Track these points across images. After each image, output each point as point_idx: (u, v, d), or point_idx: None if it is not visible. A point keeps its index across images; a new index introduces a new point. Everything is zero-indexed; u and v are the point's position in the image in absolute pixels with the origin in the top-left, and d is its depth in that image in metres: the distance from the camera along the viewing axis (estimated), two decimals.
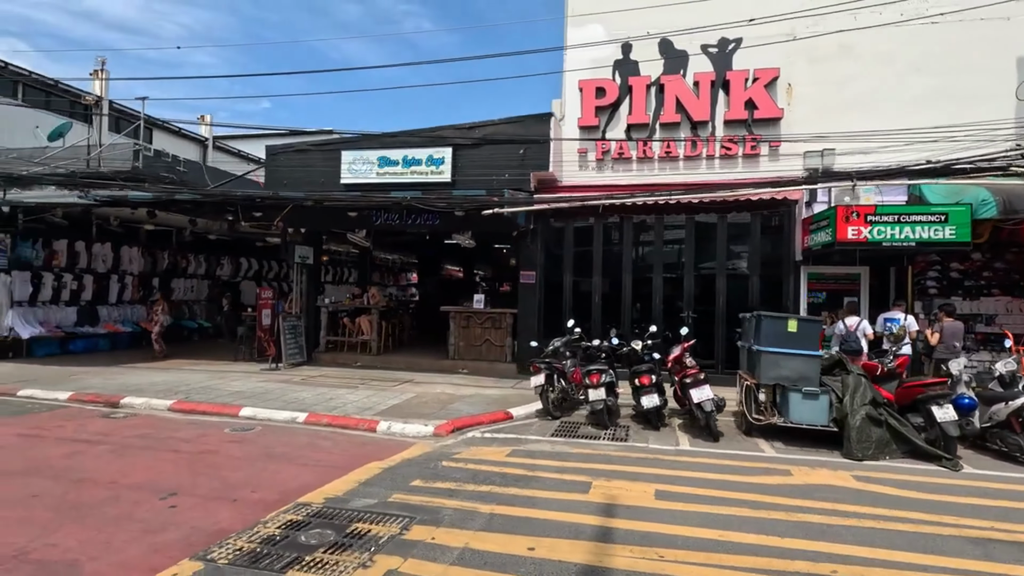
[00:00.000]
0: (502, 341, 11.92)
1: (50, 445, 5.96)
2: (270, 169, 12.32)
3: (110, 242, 14.68)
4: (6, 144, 17.31)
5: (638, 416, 7.87)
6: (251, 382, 9.89)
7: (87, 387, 9.02)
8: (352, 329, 13.11)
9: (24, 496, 4.42)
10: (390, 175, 11.38)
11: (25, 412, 7.57)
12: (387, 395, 8.97)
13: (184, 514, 4.11)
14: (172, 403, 8.07)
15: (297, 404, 8.12)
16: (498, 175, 10.97)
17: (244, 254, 19.52)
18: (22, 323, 12.51)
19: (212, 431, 6.76)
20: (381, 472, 5.22)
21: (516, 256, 12.12)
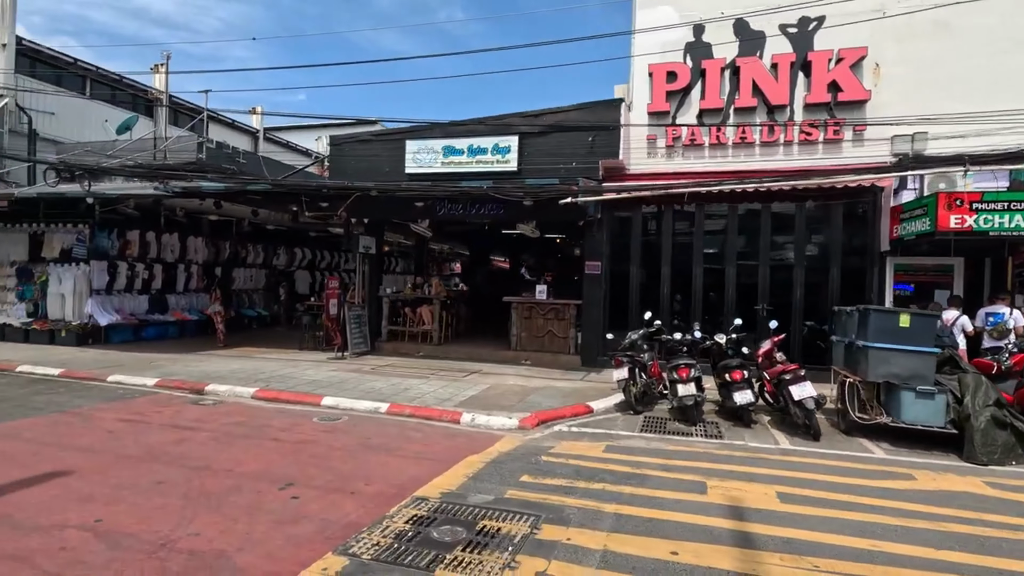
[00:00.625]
0: (565, 333, 11.77)
1: (155, 431, 6.12)
2: (334, 159, 12.40)
3: (177, 232, 15.09)
4: (77, 138, 17.99)
5: (723, 412, 7.63)
6: (323, 371, 10.01)
7: (170, 374, 9.28)
8: (413, 319, 13.17)
9: (151, 483, 4.51)
10: (455, 164, 11.29)
11: (119, 398, 7.82)
12: (460, 386, 8.94)
13: (309, 506, 4.12)
14: (255, 391, 8.22)
15: (375, 394, 8.16)
16: (565, 163, 10.75)
17: (299, 244, 19.86)
18: (100, 311, 12.99)
19: (302, 420, 6.84)
20: (484, 467, 5.15)
21: (581, 246, 11.91)
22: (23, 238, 13.35)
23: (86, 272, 12.83)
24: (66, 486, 4.41)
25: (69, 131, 18.32)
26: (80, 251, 12.88)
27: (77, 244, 12.88)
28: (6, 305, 13.53)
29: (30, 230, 13.34)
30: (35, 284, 13.22)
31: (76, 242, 12.88)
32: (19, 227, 13.44)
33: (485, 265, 22.66)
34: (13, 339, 12.96)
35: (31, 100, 17.38)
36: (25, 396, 7.69)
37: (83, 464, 4.93)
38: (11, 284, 13.45)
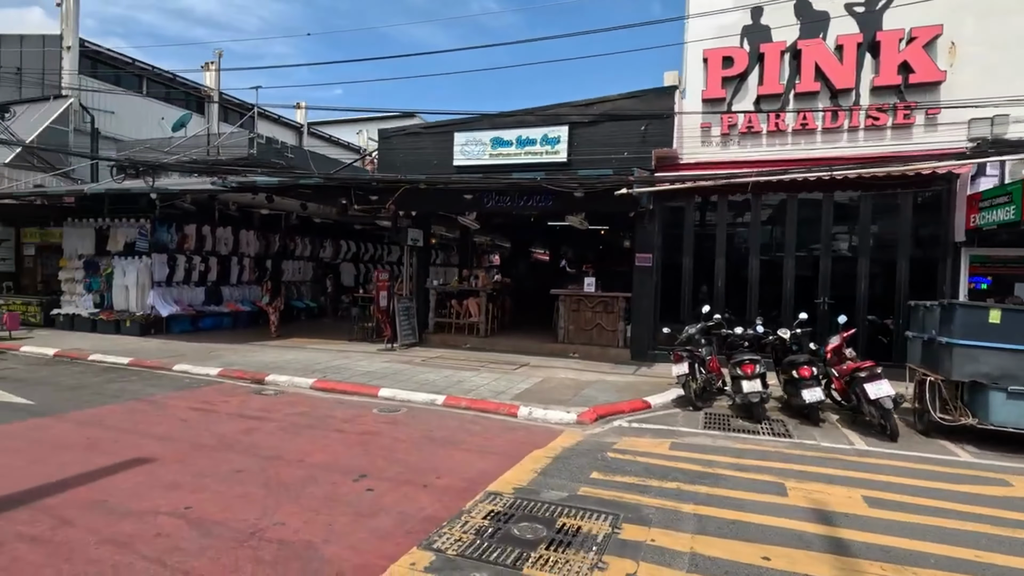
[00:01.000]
0: (614, 326, 11.60)
1: (225, 420, 6.29)
2: (382, 152, 12.49)
3: (230, 226, 15.52)
4: (135, 135, 18.71)
5: (788, 410, 7.37)
6: (375, 362, 10.15)
7: (230, 364, 9.56)
8: (460, 311, 13.22)
9: (230, 472, 4.62)
10: (503, 156, 11.22)
11: (186, 387, 8.09)
12: (512, 379, 8.91)
13: (384, 499, 4.14)
14: (313, 382, 8.38)
15: (430, 386, 8.21)
16: (617, 153, 10.54)
17: (343, 237, 20.18)
18: (161, 302, 13.50)
19: (362, 411, 6.92)
20: (551, 462, 5.09)
21: (629, 238, 11.70)
22: (90, 232, 13.97)
23: (148, 265, 13.34)
24: (151, 473, 4.56)
25: (128, 129, 19.08)
26: (142, 244, 13.40)
27: (139, 238, 13.39)
28: (75, 296, 14.21)
29: (96, 225, 13.94)
30: (101, 276, 13.83)
31: (138, 236, 13.40)
32: (86, 222, 14.07)
33: (526, 257, 22.57)
34: (82, 328, 13.61)
35: (93, 100, 18.13)
36: (100, 384, 8.05)
37: (163, 452, 5.10)
38: (79, 276, 14.10)
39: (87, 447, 5.19)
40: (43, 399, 7.00)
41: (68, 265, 14.25)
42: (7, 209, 14.66)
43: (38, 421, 6.02)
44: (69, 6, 17.38)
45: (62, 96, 17.23)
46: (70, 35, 17.36)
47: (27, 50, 17.78)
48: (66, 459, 4.83)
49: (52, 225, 14.86)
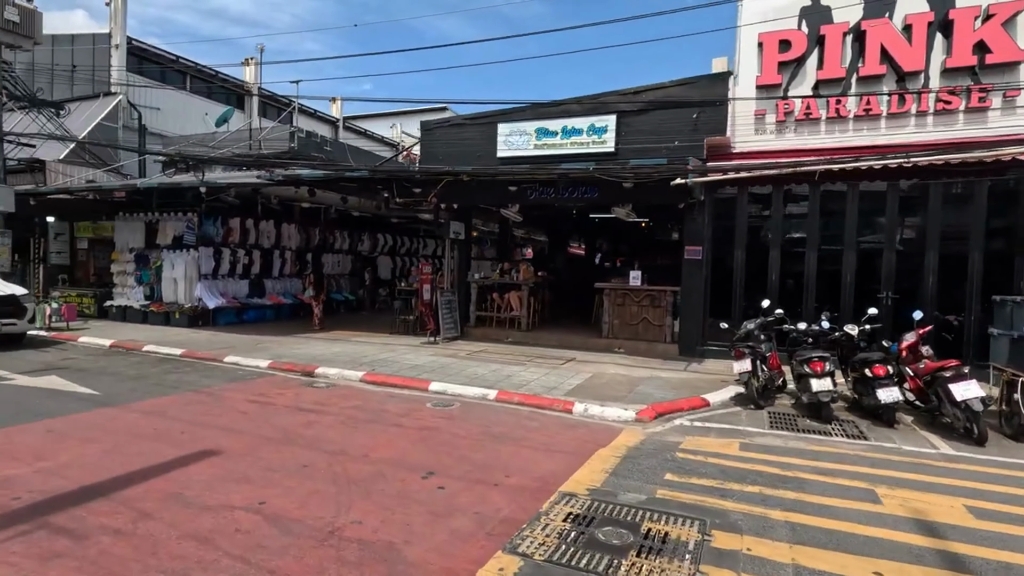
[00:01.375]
0: (661, 320, 11.31)
1: (283, 413, 6.30)
2: (425, 144, 12.41)
3: (272, 220, 15.70)
4: (180, 131, 19.09)
5: (857, 410, 7.02)
6: (421, 356, 10.10)
7: (279, 356, 9.63)
8: (501, 304, 13.10)
9: (297, 466, 4.59)
10: (548, 147, 11.01)
11: (240, 379, 8.17)
12: (561, 374, 8.74)
13: (458, 498, 4.03)
14: (363, 375, 8.37)
15: (480, 380, 8.10)
16: (667, 142, 10.22)
17: (381, 230, 20.27)
18: (208, 294, 13.76)
19: (416, 406, 6.86)
20: (620, 462, 4.91)
21: (679, 230, 11.37)
22: (140, 226, 14.29)
23: (195, 258, 13.59)
24: (220, 466, 4.55)
25: (172, 125, 19.49)
26: (190, 238, 13.64)
27: (187, 231, 13.64)
28: (126, 288, 14.59)
29: (146, 219, 14.25)
30: (151, 269, 14.16)
31: (186, 229, 13.65)
32: (136, 216, 14.40)
33: (561, 251, 22.30)
34: (134, 320, 13.98)
35: (139, 97, 18.54)
36: (158, 375, 8.19)
37: (229, 444, 5.10)
38: (130, 269, 14.47)
39: (156, 438, 5.23)
40: (107, 389, 7.14)
41: (120, 258, 14.63)
42: (62, 204, 15.10)
43: (106, 411, 6.12)
44: (117, 5, 17.78)
45: (111, 93, 17.69)
46: (118, 33, 17.78)
47: (78, 48, 18.27)
48: (138, 450, 4.87)
49: (104, 219, 15.26)
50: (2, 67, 12.45)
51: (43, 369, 8.29)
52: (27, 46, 12.68)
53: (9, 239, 12.90)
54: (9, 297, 9.83)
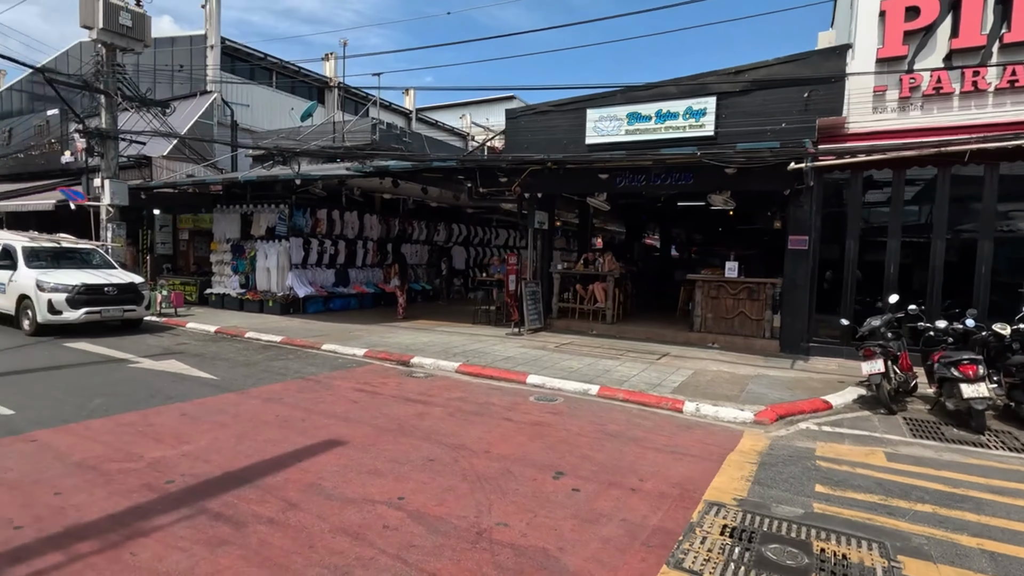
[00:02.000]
0: (760, 315, 10.68)
1: (392, 403, 6.34)
2: (509, 132, 12.24)
3: (356, 211, 16.08)
4: (267, 125, 19.90)
5: (1009, 419, 6.27)
6: (510, 347, 10.00)
7: (372, 344, 9.80)
8: (584, 296, 12.82)
9: (422, 459, 4.55)
10: (640, 132, 10.56)
11: (341, 367, 8.35)
12: (661, 370, 8.38)
13: (597, 502, 3.84)
14: (458, 366, 8.35)
15: (578, 375, 7.89)
16: (772, 124, 9.54)
17: (456, 220, 20.40)
18: (299, 283, 14.27)
19: (519, 399, 6.74)
20: (758, 469, 4.57)
21: (783, 218, 10.65)
22: (236, 218, 15.01)
23: (286, 248, 14.11)
24: (347, 456, 4.58)
25: (260, 120, 20.35)
26: (282, 229, 14.18)
27: (279, 223, 14.19)
28: (223, 277, 15.40)
29: (241, 210, 14.94)
30: (246, 259, 14.86)
31: (278, 221, 14.19)
32: (233, 208, 15.13)
33: (638, 241, 21.67)
34: (231, 307, 14.73)
35: (230, 94, 19.44)
36: (265, 362, 8.50)
37: (349, 434, 5.15)
38: (227, 259, 15.25)
39: (280, 425, 5.36)
40: (223, 374, 7.47)
41: (218, 248, 15.45)
42: (166, 197, 16.12)
43: (228, 396, 6.37)
44: (212, 7, 18.67)
45: (207, 92, 18.65)
46: (213, 34, 18.69)
47: (177, 49, 19.35)
48: (267, 436, 5.00)
49: (203, 211, 16.14)
50: (117, 70, 13.30)
51: (162, 353, 8.80)
52: (138, 49, 13.49)
53: (124, 231, 13.87)
54: (129, 285, 10.52)
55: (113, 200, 13.35)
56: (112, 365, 7.85)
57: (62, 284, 9.73)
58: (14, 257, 10.31)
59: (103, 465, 4.22)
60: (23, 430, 4.95)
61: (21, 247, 10.45)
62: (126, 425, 5.18)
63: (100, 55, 13.24)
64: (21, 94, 25.49)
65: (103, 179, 13.39)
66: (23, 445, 4.59)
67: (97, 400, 5.99)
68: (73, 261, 10.99)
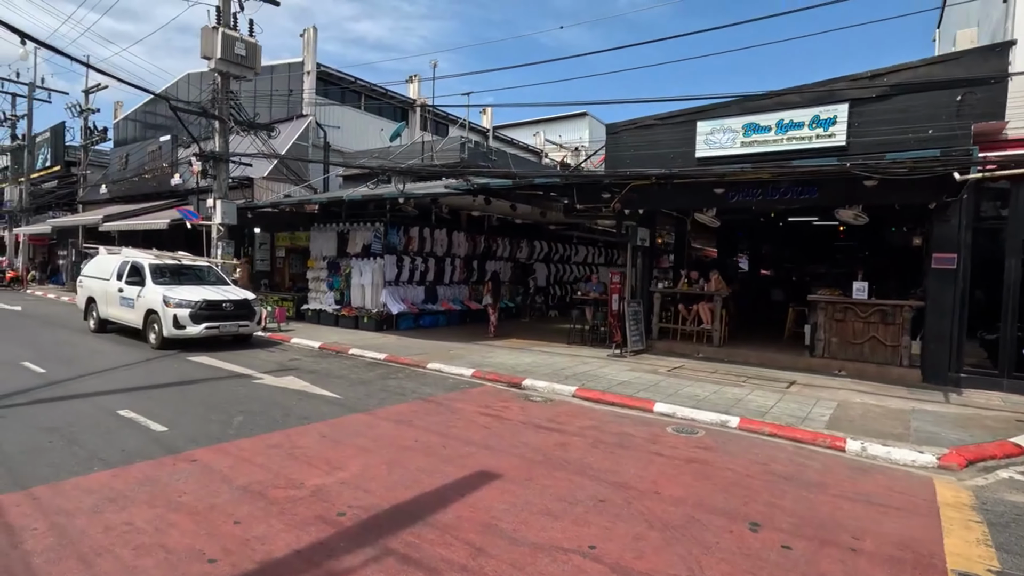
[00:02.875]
0: (895, 340, 9.69)
1: (524, 430, 6.03)
2: (611, 148, 11.90)
3: (445, 228, 16.16)
4: (356, 146, 20.53)
5: None
6: (619, 370, 9.53)
7: (478, 364, 9.59)
8: (687, 316, 12.18)
9: (590, 499, 4.18)
10: (759, 144, 9.93)
11: (454, 387, 8.16)
12: (800, 401, 7.65)
13: (821, 565, 3.33)
14: (575, 390, 7.97)
15: (708, 404, 7.31)
16: (916, 132, 8.69)
17: (537, 237, 20.19)
18: (392, 300, 14.41)
19: (655, 429, 6.26)
20: (991, 529, 3.89)
21: (924, 234, 9.68)
22: (332, 236, 15.41)
23: (381, 265, 14.30)
24: (510, 492, 4.28)
25: (350, 141, 21.05)
26: (377, 247, 14.40)
27: (375, 240, 14.42)
28: (319, 293, 15.82)
29: (338, 229, 15.33)
30: (341, 275, 15.19)
31: (374, 239, 14.43)
32: (329, 227, 15.56)
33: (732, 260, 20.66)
34: (327, 323, 15.07)
35: (323, 117, 20.23)
36: (379, 380, 8.45)
37: (498, 465, 4.86)
38: (323, 276, 15.66)
39: (424, 451, 5.16)
40: (344, 393, 7.44)
41: (315, 265, 15.91)
42: (266, 216, 16.82)
43: (359, 417, 6.27)
44: (310, 35, 19.59)
45: (303, 115, 19.50)
46: (310, 60, 19.58)
47: (276, 76, 20.40)
48: (416, 465, 4.79)
49: (300, 230, 16.73)
50: (230, 96, 14.05)
51: (279, 370, 8.95)
52: (249, 76, 14.22)
53: (232, 248, 14.52)
54: (244, 301, 10.89)
55: (224, 219, 14.01)
56: (238, 381, 8.01)
57: (186, 300, 10.17)
58: (142, 274, 10.91)
59: (268, 492, 4.11)
60: (181, 448, 4.98)
61: (148, 264, 11.06)
62: (274, 447, 5.13)
63: (216, 83, 14.03)
64: (135, 123, 27.76)
65: (215, 199, 14.11)
66: (187, 466, 4.59)
67: (238, 418, 6.04)
68: (192, 278, 11.52)
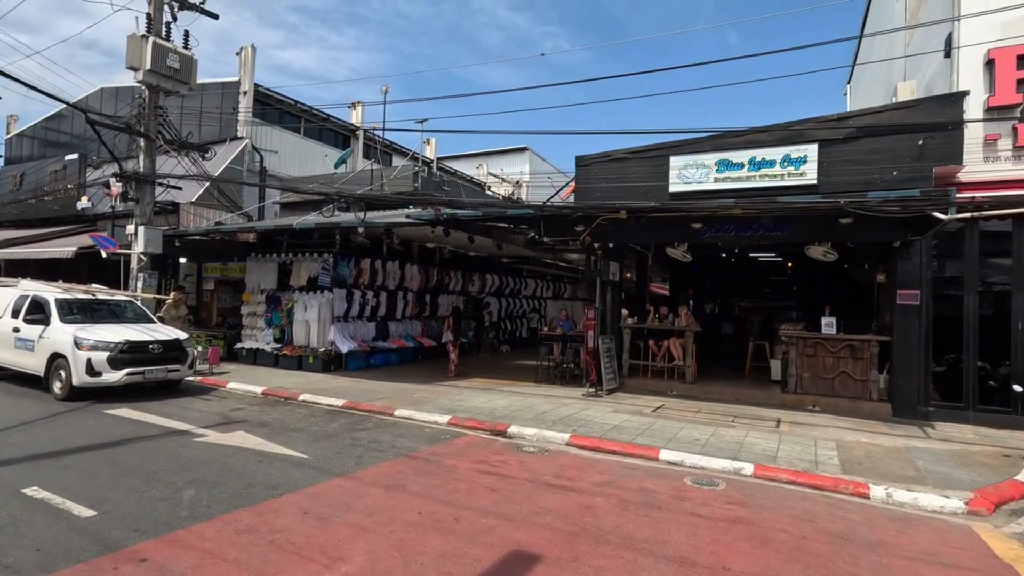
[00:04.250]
0: (864, 375, 9.87)
1: (534, 491, 5.29)
2: (580, 180, 11.64)
3: (398, 260, 15.22)
4: (295, 172, 19.26)
5: None
6: (600, 411, 9.01)
7: (450, 410, 8.74)
8: (656, 352, 11.95)
9: None
10: (732, 180, 9.99)
11: (434, 440, 7.27)
12: (799, 442, 7.43)
13: None
14: (568, 437, 7.32)
15: (713, 449, 6.90)
16: (881, 173, 9.03)
17: (489, 271, 19.61)
18: (341, 338, 13.21)
19: (675, 482, 5.73)
20: None
21: (887, 271, 10.01)
22: (273, 267, 14.03)
23: (330, 299, 13.11)
24: None
25: (288, 167, 19.74)
26: (325, 279, 13.23)
27: (323, 272, 13.25)
28: (255, 331, 14.26)
29: (279, 260, 13.99)
30: (283, 311, 13.79)
31: (321, 271, 13.26)
32: (269, 257, 14.17)
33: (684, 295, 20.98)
34: (265, 363, 13.55)
35: (259, 140, 18.88)
36: (345, 432, 7.40)
37: (530, 541, 4.10)
38: (261, 311, 14.16)
39: (435, 527, 4.29)
40: (310, 451, 6.36)
41: (251, 300, 14.38)
42: (194, 245, 15.16)
43: (340, 483, 5.28)
44: (247, 54, 18.35)
45: (238, 138, 18.06)
46: (247, 80, 18.28)
47: (207, 94, 18.86)
48: (433, 548, 3.93)
49: (235, 260, 15.18)
50: (159, 112, 12.63)
51: (223, 423, 7.65)
52: (183, 91, 12.89)
53: (155, 281, 12.83)
54: (174, 342, 9.43)
55: (147, 248, 12.37)
56: (176, 439, 6.70)
57: (103, 341, 8.61)
58: (46, 311, 9.20)
59: None
60: (122, 543, 3.83)
61: (55, 299, 9.36)
62: (247, 532, 4.08)
63: (143, 97, 12.58)
64: (33, 140, 24.78)
65: (137, 225, 12.46)
66: (133, 569, 3.48)
67: (188, 491, 4.87)
68: (107, 314, 9.90)
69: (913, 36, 12.85)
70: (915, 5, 12.82)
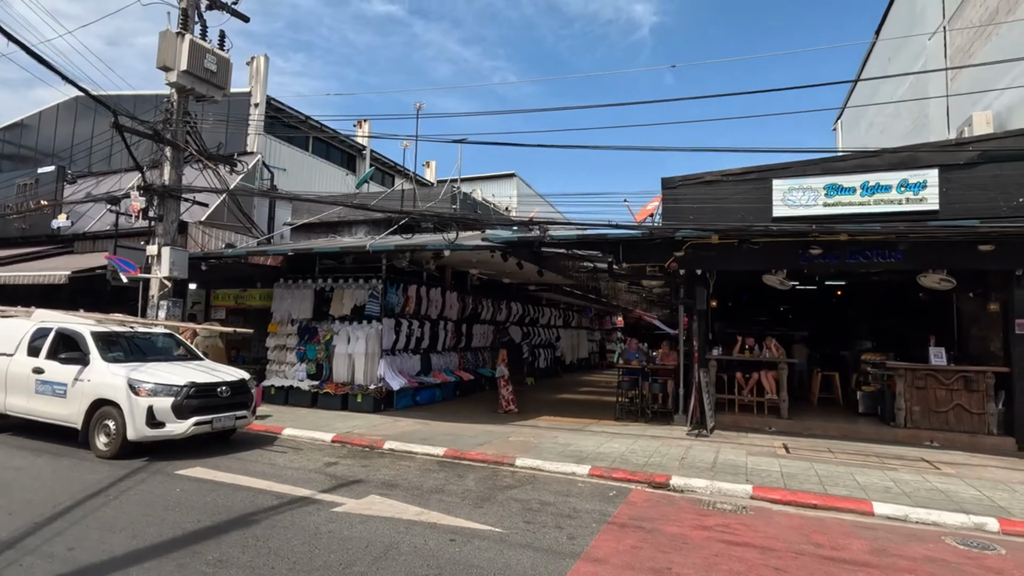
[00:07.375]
0: (981, 407, 9.50)
1: (819, 566, 4.32)
2: (668, 202, 10.97)
3: (438, 287, 14.01)
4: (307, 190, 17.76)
5: None
6: (735, 454, 8.14)
7: (574, 456, 7.68)
8: (743, 386, 11.27)
9: None
10: (843, 205, 9.56)
11: (604, 497, 6.17)
12: (989, 486, 6.81)
13: None
14: (751, 489, 6.41)
15: (921, 499, 6.15)
16: (1006, 200, 8.82)
17: (512, 299, 18.56)
18: (392, 373, 11.83)
19: (947, 546, 4.91)
20: None
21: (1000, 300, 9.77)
22: (308, 295, 12.50)
23: (379, 331, 11.74)
24: None
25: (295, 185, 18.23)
26: (373, 308, 11.85)
27: (370, 300, 11.87)
28: (284, 366, 12.63)
29: (315, 286, 12.50)
30: (319, 344, 12.26)
31: (369, 298, 11.88)
32: (301, 283, 12.66)
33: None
34: (300, 403, 11.91)
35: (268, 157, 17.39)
36: (497, 492, 6.17)
37: None
38: (291, 343, 12.56)
39: None
40: (489, 521, 5.13)
41: (279, 331, 12.74)
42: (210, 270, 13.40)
43: (585, 568, 4.12)
44: (259, 64, 16.94)
45: (249, 152, 16.48)
46: (259, 91, 16.83)
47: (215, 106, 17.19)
48: None
49: (259, 286, 13.54)
50: (190, 120, 11.13)
51: (339, 484, 6.25)
52: (217, 97, 11.43)
53: (179, 310, 11.09)
54: (240, 383, 7.89)
55: (171, 272, 10.68)
56: (311, 512, 5.28)
57: (164, 385, 7.01)
58: (82, 347, 7.47)
59: None
60: None
61: (90, 332, 7.65)
62: None
63: (171, 101, 11.06)
64: None
65: (160, 246, 10.76)
66: None
67: None
68: (153, 351, 8.26)
69: (959, 73, 13.16)
70: (965, 43, 13.16)
